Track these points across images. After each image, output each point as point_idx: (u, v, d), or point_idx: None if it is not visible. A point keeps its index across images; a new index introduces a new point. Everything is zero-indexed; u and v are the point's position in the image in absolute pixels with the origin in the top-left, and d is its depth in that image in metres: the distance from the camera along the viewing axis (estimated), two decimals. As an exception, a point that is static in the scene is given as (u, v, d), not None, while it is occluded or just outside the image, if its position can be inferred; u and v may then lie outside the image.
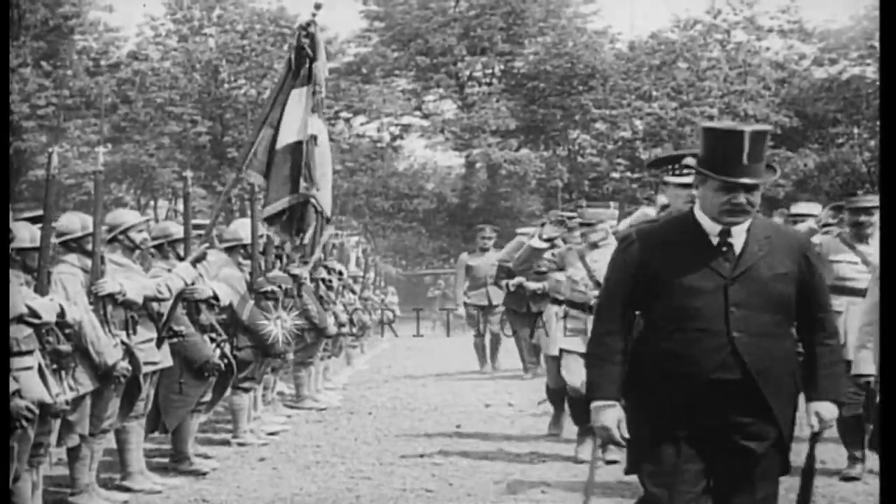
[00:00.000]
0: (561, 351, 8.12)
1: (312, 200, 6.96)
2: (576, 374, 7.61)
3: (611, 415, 3.95)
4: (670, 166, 5.35)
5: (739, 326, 3.86)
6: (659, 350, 3.94)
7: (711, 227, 3.94)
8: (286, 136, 6.90)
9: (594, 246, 7.97)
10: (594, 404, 3.98)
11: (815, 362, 4.00)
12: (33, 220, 5.84)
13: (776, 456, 4.00)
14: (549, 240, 8.24)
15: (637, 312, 4.10)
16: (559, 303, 8.34)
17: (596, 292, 7.32)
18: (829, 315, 4.07)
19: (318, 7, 6.86)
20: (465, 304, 14.69)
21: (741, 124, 3.95)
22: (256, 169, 7.00)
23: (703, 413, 3.90)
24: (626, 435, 3.95)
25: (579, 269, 7.97)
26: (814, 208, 10.62)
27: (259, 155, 6.99)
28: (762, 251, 3.93)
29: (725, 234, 3.93)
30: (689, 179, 5.02)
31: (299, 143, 6.91)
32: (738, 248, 3.93)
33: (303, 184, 6.91)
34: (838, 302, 6.58)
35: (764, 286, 3.90)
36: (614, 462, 7.40)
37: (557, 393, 8.80)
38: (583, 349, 7.10)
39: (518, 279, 12.21)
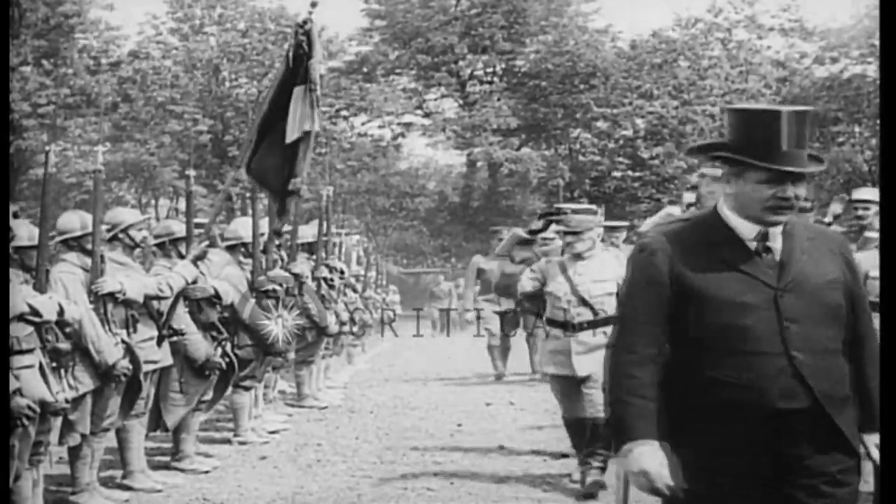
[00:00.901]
0: (549, 377, 7.39)
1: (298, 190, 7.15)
2: (569, 398, 7.12)
3: (652, 458, 3.22)
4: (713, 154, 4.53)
5: (798, 345, 3.24)
6: (704, 379, 3.27)
7: (747, 229, 3.31)
8: (292, 134, 6.96)
9: (578, 257, 7.12)
10: (628, 447, 3.25)
11: (866, 385, 3.38)
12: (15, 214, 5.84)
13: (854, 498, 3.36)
14: (533, 231, 7.87)
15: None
16: (538, 316, 7.67)
17: (581, 309, 7.00)
18: (872, 328, 3.49)
19: (314, 5, 6.88)
20: (476, 309, 14.42)
21: (778, 106, 3.38)
22: (250, 167, 7.06)
23: (768, 452, 3.26)
24: (671, 482, 3.24)
25: (561, 284, 7.09)
26: (877, 194, 9.75)
27: (254, 154, 7.02)
28: (805, 255, 3.34)
29: (763, 236, 3.31)
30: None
31: (300, 138, 6.96)
32: (778, 253, 3.32)
33: (294, 180, 7.04)
34: None
35: (817, 296, 3.30)
36: None
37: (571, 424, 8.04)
38: (567, 372, 6.99)
39: None
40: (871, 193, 8.91)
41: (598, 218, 7.30)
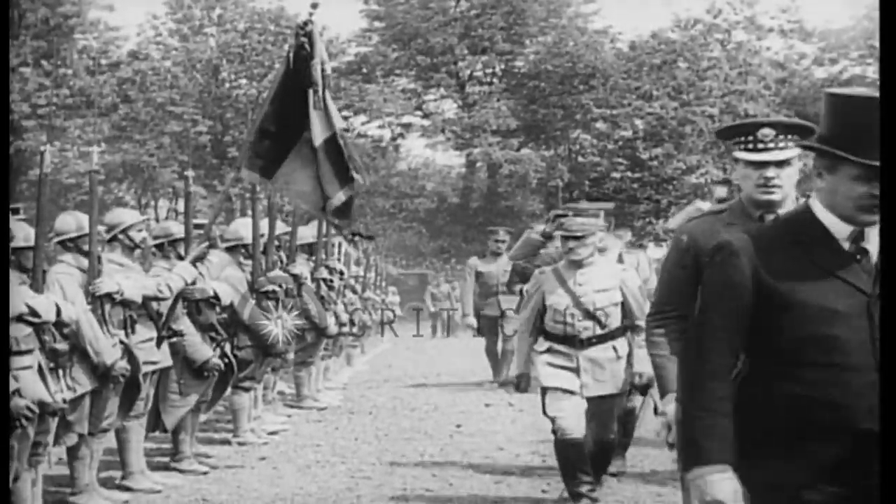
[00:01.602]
0: (544, 389, 6.51)
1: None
2: (568, 415, 6.36)
3: (726, 487, 2.87)
4: (743, 138, 3.92)
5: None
6: (782, 395, 2.91)
7: (840, 229, 2.95)
8: (317, 138, 6.93)
9: (577, 265, 6.40)
10: (699, 471, 2.89)
11: None
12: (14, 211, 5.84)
13: None
14: (546, 235, 7.59)
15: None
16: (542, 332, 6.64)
17: (587, 323, 6.36)
18: None
19: (314, 6, 6.87)
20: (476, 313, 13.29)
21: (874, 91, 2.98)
22: (252, 168, 7.03)
23: (855, 478, 2.87)
24: None
25: (562, 296, 6.39)
26: None
27: (255, 154, 6.99)
28: None
29: (858, 236, 2.96)
30: (768, 156, 3.87)
31: (331, 137, 6.93)
32: (874, 256, 2.95)
33: (355, 175, 7.03)
34: None
35: None
36: None
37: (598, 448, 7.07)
38: (570, 386, 6.32)
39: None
40: None
41: (602, 222, 6.62)
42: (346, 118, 36.35)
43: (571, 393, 6.38)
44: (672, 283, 4.11)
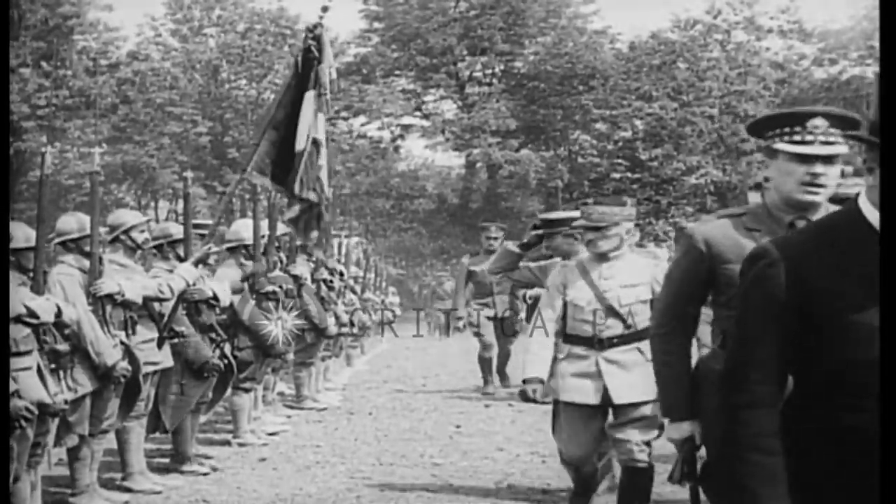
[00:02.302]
0: (557, 403, 5.85)
1: (324, 203, 7.01)
2: (574, 440, 5.74)
3: None
4: (789, 128, 3.40)
5: None
6: (837, 428, 2.48)
7: None
8: (301, 141, 6.91)
9: (602, 258, 5.73)
10: None
11: None
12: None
13: None
14: (524, 245, 6.81)
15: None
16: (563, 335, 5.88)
17: (610, 321, 5.65)
18: None
19: (324, 10, 6.85)
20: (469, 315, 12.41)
21: None
22: (259, 170, 7.00)
23: None
24: None
25: (583, 291, 5.71)
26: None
27: (264, 157, 6.97)
28: None
29: None
30: (817, 150, 3.38)
31: (313, 144, 6.92)
32: None
33: (312, 192, 6.95)
34: None
35: None
36: None
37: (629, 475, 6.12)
38: (592, 400, 5.61)
39: (536, 290, 9.23)
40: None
41: (630, 210, 5.82)
42: (345, 119, 36.44)
43: (591, 408, 5.63)
44: (680, 294, 3.65)
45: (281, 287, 8.76)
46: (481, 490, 7.15)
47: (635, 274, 5.70)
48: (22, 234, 5.65)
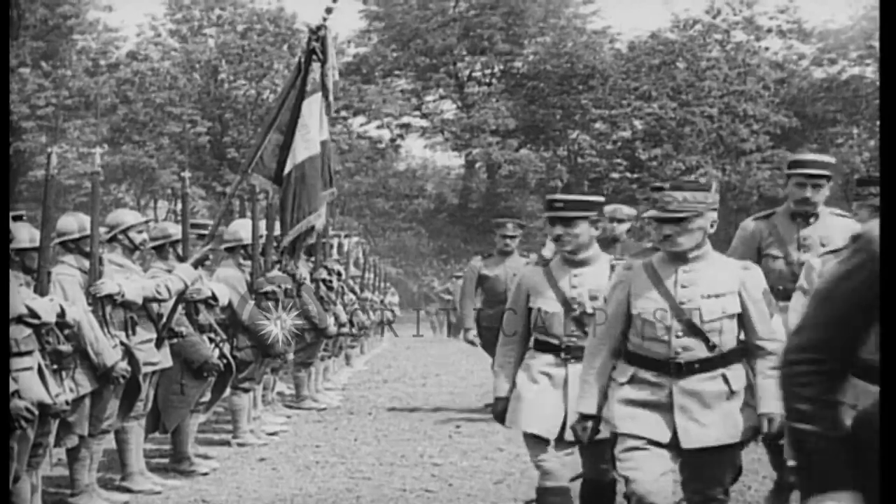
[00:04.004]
0: (616, 437, 4.50)
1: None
2: (648, 474, 4.35)
3: None
4: None
5: None
6: None
7: None
8: (314, 147, 6.86)
9: (680, 259, 4.42)
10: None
11: None
12: (14, 219, 5.84)
13: None
14: (545, 262, 5.61)
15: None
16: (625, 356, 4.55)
17: (688, 340, 4.38)
18: None
19: (328, 11, 6.83)
20: (480, 327, 10.49)
21: None
22: (262, 173, 6.97)
23: None
24: None
25: (654, 301, 4.41)
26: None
27: (266, 159, 6.95)
28: None
29: None
30: None
31: (322, 145, 6.89)
32: None
33: (324, 193, 6.93)
34: None
35: None
36: None
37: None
38: (658, 435, 4.37)
39: None
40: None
41: (714, 197, 4.44)
42: (344, 119, 36.46)
43: (657, 445, 4.40)
44: (846, 319, 2.45)
45: (280, 287, 8.77)
46: (481, 490, 7.15)
47: (720, 280, 4.44)
48: (26, 234, 5.65)
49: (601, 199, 5.31)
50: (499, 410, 5.44)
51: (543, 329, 5.11)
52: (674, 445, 4.42)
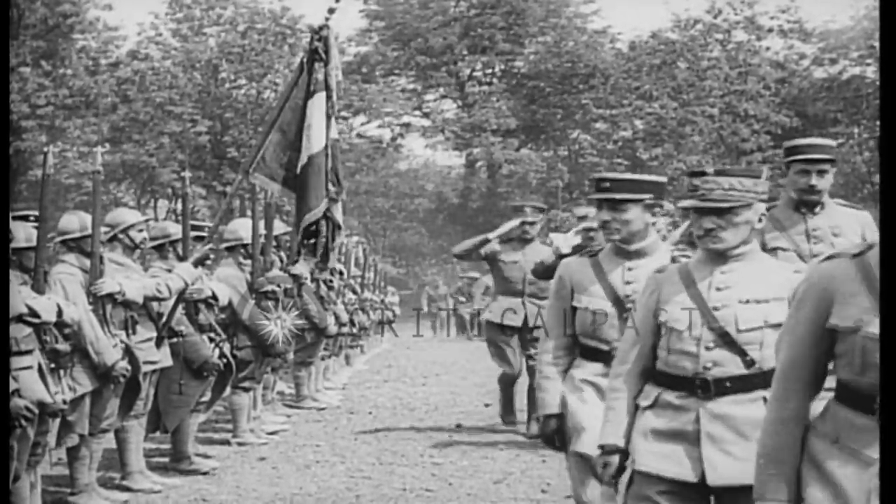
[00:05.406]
0: (634, 475, 3.69)
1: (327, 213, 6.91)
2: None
3: None
4: None
5: None
6: None
7: None
8: (316, 145, 6.84)
9: (720, 258, 3.68)
10: None
11: None
12: (22, 218, 5.84)
13: None
14: (559, 255, 5.42)
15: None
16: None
17: (720, 353, 3.60)
18: None
19: (331, 11, 6.82)
20: (490, 323, 9.41)
21: None
22: (264, 172, 6.96)
23: None
24: None
25: (684, 306, 3.67)
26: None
27: (268, 159, 6.93)
28: None
29: None
30: None
31: (324, 147, 6.87)
32: None
33: (331, 188, 6.88)
34: None
35: None
36: None
37: None
38: (684, 475, 3.58)
39: None
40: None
41: (764, 185, 3.71)
42: (345, 118, 36.44)
43: (683, 485, 3.60)
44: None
45: (280, 286, 8.77)
46: (481, 489, 7.14)
47: (764, 284, 3.67)
48: (23, 233, 5.65)
49: (659, 178, 4.63)
50: (548, 431, 4.49)
51: (592, 332, 4.41)
52: (703, 485, 3.60)
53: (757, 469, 2.82)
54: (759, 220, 3.67)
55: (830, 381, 2.81)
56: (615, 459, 3.69)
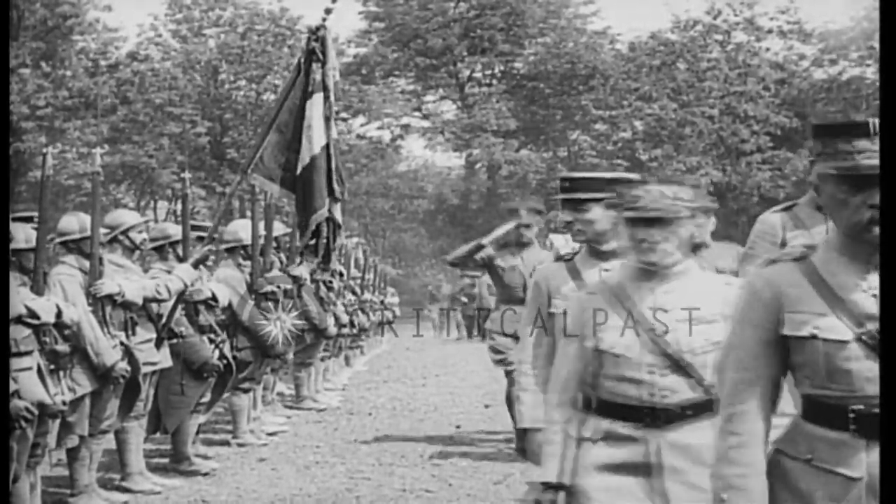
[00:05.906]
0: None
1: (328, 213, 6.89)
2: None
3: None
4: None
5: None
6: None
7: None
8: (317, 145, 6.83)
9: (656, 274, 3.41)
10: None
11: None
12: (24, 220, 5.85)
13: None
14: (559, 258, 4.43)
15: None
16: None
17: (670, 379, 3.34)
18: None
19: (328, 12, 6.82)
20: (490, 332, 8.62)
21: None
22: (262, 173, 6.95)
23: None
24: None
25: (622, 330, 3.40)
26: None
27: (266, 159, 6.93)
28: None
29: None
30: None
31: (324, 148, 6.86)
32: None
33: (336, 188, 6.87)
34: None
35: None
36: None
37: None
38: None
39: None
40: None
41: (704, 198, 3.49)
42: (345, 119, 36.45)
43: None
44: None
45: (280, 287, 8.77)
46: (481, 490, 7.14)
47: (708, 301, 3.41)
48: (23, 234, 5.65)
49: (624, 176, 4.18)
50: (528, 447, 4.08)
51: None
52: None
53: None
54: (698, 237, 3.41)
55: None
56: (561, 498, 3.44)
